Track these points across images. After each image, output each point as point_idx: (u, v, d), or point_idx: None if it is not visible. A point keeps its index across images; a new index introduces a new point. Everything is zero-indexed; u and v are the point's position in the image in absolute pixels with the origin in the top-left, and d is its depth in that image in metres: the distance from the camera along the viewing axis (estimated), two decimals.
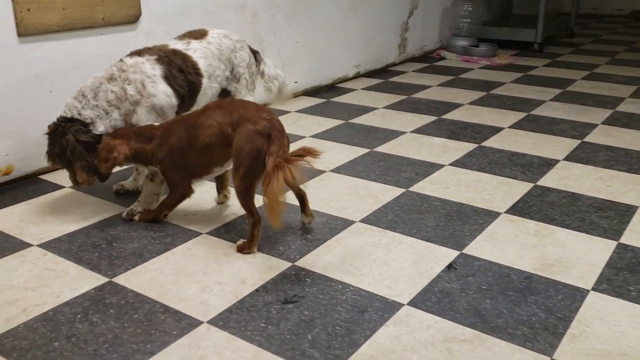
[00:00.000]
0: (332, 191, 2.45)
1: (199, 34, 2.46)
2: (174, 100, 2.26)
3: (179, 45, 2.36)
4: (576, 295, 1.73)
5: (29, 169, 2.61)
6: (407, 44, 5.10)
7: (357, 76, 4.55)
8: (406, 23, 5.01)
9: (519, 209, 2.30)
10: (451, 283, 1.80)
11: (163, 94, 2.22)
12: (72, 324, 1.60)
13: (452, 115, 3.56)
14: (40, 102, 2.58)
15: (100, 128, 2.15)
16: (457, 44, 5.40)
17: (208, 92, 2.42)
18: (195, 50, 2.36)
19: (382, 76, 4.61)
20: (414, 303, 1.69)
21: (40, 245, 2.02)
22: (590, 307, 1.67)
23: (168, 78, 2.23)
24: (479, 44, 5.43)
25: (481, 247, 2.01)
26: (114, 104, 2.15)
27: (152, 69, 2.21)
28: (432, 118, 3.50)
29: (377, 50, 4.75)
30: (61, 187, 2.52)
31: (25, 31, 2.44)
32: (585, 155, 2.87)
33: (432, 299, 1.72)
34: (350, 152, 2.93)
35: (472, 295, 1.73)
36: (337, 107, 3.72)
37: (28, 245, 2.03)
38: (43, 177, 2.63)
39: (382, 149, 2.98)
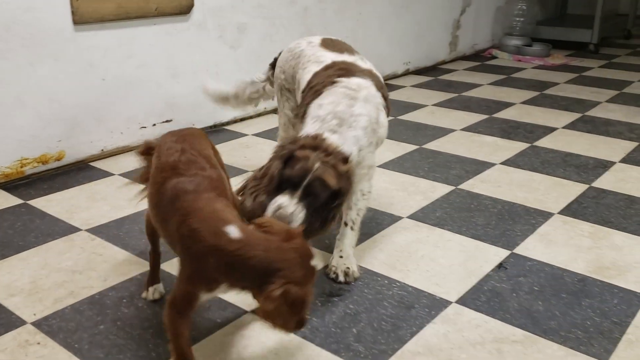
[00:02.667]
0: (380, 187, 2.41)
1: (350, 47, 2.05)
2: None
3: (362, 64, 1.90)
4: (633, 300, 1.65)
5: (80, 156, 2.66)
6: (458, 42, 5.01)
7: (407, 73, 4.49)
8: (458, 21, 4.92)
9: (573, 210, 2.22)
10: (501, 283, 1.74)
11: (386, 127, 1.85)
12: (117, 308, 1.61)
13: (504, 114, 3.47)
14: (93, 90, 2.62)
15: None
16: (510, 43, 5.27)
17: None
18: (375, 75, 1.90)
19: (432, 74, 4.54)
20: (462, 301, 1.65)
21: (88, 230, 2.05)
22: None
23: (384, 108, 1.84)
24: (532, 44, 5.30)
25: (533, 248, 1.94)
26: (366, 131, 1.70)
27: (379, 96, 1.79)
28: (483, 116, 3.43)
29: (428, 48, 4.68)
30: (110, 174, 2.56)
31: (80, 19, 2.48)
32: None
33: (482, 298, 1.67)
34: (398, 148, 2.88)
35: (523, 296, 1.68)
36: None
37: (77, 229, 2.06)
38: (93, 164, 2.67)
39: (431, 146, 2.93)
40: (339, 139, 1.60)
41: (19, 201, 2.27)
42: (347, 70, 1.81)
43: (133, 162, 2.66)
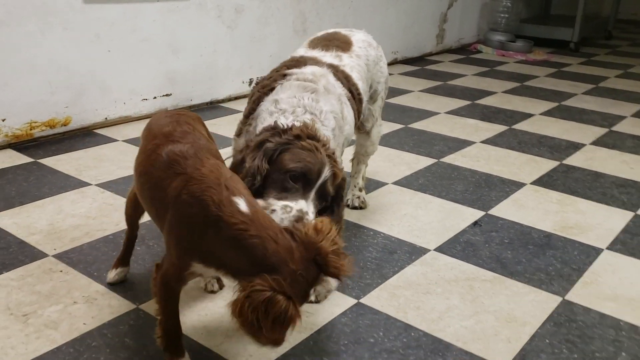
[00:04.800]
0: None
1: (344, 43, 1.79)
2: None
3: (330, 60, 1.68)
4: (591, 252, 1.86)
5: (85, 123, 2.81)
6: (444, 35, 5.22)
7: (395, 62, 4.68)
8: (445, 14, 5.13)
9: (544, 181, 2.42)
10: (475, 236, 1.93)
11: (352, 121, 1.60)
12: None
13: (486, 101, 3.67)
14: (99, 60, 2.78)
15: None
16: (494, 38, 5.49)
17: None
18: (352, 69, 1.70)
19: (418, 64, 4.74)
20: (440, 249, 1.84)
21: (98, 185, 2.21)
22: (603, 262, 1.80)
23: (350, 100, 1.61)
24: (515, 40, 5.51)
25: (506, 210, 2.14)
26: (335, 132, 1.46)
27: (339, 86, 1.57)
28: (466, 102, 3.63)
29: (415, 39, 4.87)
30: (114, 140, 2.71)
31: None
32: (612, 141, 2.97)
33: (457, 247, 1.86)
34: (385, 127, 3.05)
35: (494, 246, 1.87)
36: None
37: (87, 184, 2.22)
38: (97, 131, 2.83)
39: (416, 125, 3.12)
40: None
41: (29, 159, 2.42)
42: (298, 62, 1.61)
43: (136, 130, 2.82)
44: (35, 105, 2.60)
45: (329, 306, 1.53)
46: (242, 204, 1.07)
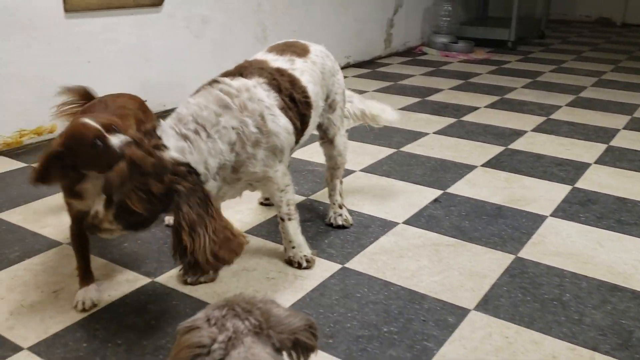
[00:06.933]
0: None
1: (301, 50, 1.88)
2: (293, 140, 1.73)
3: (281, 63, 1.78)
4: (537, 219, 2.17)
5: None
6: (392, 39, 5.55)
7: (348, 66, 4.98)
8: (391, 20, 5.46)
9: (492, 163, 2.74)
10: (437, 211, 2.22)
11: (285, 131, 1.66)
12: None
13: (434, 98, 4.00)
14: (79, 71, 2.96)
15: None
16: (438, 40, 5.86)
17: (310, 128, 1.86)
18: (303, 72, 1.79)
19: (370, 67, 5.05)
20: (407, 222, 2.12)
21: None
22: (548, 226, 2.11)
23: (285, 110, 1.68)
24: (457, 41, 5.90)
25: (461, 188, 2.43)
26: (235, 147, 1.56)
27: (267, 97, 1.64)
28: (417, 99, 3.94)
29: (365, 44, 5.18)
30: None
31: (70, 8, 2.82)
32: (550, 128, 3.33)
33: (422, 220, 2.14)
34: (345, 123, 3.34)
35: (453, 218, 2.16)
36: None
37: None
38: None
39: None
40: (185, 149, 1.47)
41: (23, 164, 2.59)
42: (243, 68, 1.70)
43: None
44: (23, 115, 2.76)
45: (319, 272, 1.79)
46: None
